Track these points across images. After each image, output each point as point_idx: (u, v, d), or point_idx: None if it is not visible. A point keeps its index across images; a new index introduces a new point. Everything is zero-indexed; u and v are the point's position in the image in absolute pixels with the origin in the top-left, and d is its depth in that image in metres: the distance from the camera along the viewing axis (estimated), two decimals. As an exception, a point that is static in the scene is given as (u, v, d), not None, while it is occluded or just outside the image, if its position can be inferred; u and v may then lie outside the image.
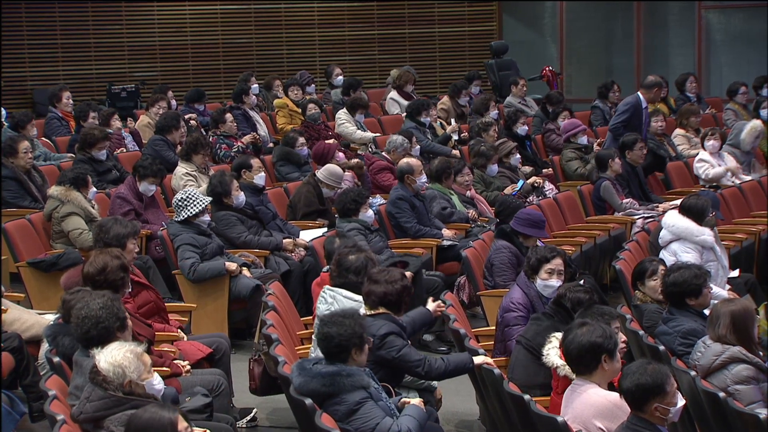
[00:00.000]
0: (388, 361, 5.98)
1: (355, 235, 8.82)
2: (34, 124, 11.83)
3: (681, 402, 5.13)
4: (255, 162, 9.93)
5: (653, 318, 7.04)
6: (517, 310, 6.95)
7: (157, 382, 5.35)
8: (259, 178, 9.77)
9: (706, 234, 8.39)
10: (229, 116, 12.22)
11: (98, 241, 7.38)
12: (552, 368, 5.96)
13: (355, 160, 11.37)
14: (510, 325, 6.92)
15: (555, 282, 7.02)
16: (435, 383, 6.50)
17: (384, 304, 6.20)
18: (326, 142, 11.63)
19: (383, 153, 11.52)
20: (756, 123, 12.21)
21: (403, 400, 5.76)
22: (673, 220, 8.52)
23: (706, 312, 6.73)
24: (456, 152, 12.46)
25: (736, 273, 8.68)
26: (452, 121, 13.83)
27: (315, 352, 6.29)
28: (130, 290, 6.72)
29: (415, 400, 5.71)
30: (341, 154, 11.24)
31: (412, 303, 6.57)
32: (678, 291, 6.74)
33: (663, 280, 6.98)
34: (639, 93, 11.95)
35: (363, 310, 6.19)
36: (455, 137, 13.11)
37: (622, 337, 6.10)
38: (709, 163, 11.63)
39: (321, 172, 10.25)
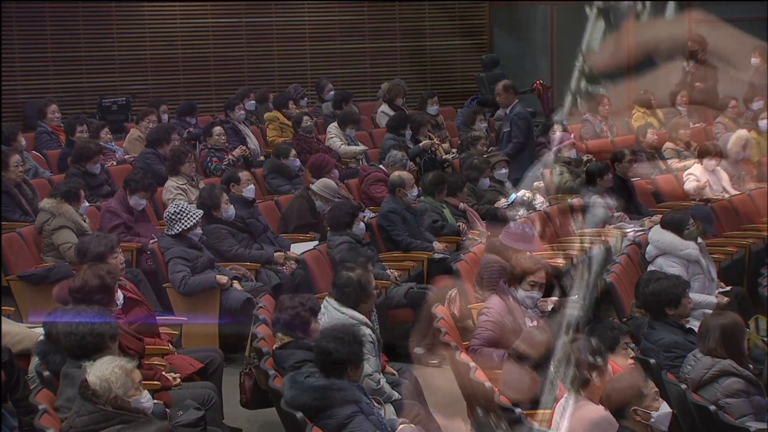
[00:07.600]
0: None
1: (347, 249, 8.82)
2: (22, 136, 11.78)
3: (665, 409, 5.15)
4: (243, 175, 9.91)
5: None
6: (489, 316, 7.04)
7: (145, 400, 5.32)
8: (248, 191, 9.75)
9: (691, 248, 8.37)
10: (216, 129, 12.16)
11: (81, 263, 7.33)
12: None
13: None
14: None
15: (537, 294, 7.11)
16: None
17: (291, 329, 6.22)
18: (325, 155, 11.60)
19: (380, 166, 11.51)
20: (741, 132, 12.22)
21: (401, 427, 5.75)
22: (658, 235, 8.52)
23: (689, 325, 6.77)
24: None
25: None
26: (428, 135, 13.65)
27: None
28: (120, 306, 6.70)
29: (413, 426, 5.71)
30: (336, 172, 11.20)
31: None
32: (657, 300, 6.76)
33: (641, 290, 6.99)
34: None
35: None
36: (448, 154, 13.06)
37: (630, 353, 6.12)
38: (695, 176, 11.57)
39: (316, 185, 10.24)
